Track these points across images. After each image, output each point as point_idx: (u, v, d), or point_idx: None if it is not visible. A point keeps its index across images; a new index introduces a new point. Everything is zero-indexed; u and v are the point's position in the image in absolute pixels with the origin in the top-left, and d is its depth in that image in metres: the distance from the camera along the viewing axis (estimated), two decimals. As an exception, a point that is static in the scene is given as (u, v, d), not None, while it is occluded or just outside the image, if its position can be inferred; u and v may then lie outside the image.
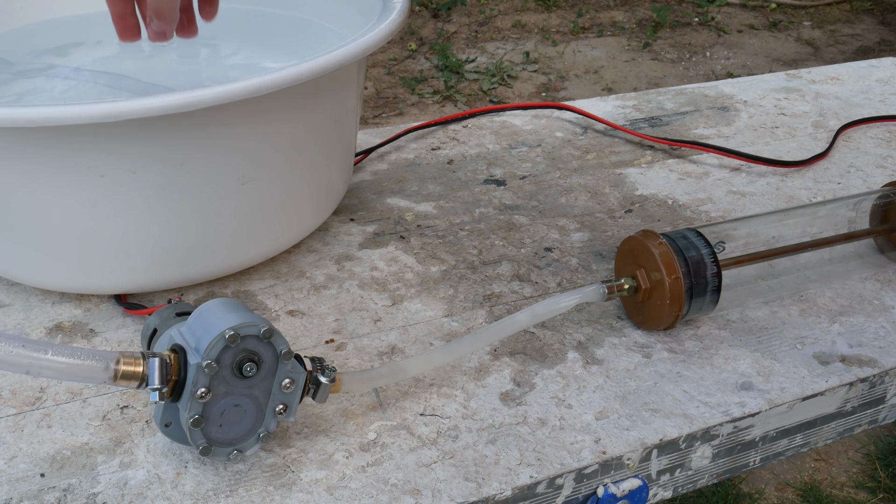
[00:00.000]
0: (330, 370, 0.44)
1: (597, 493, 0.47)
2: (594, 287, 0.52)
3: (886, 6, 3.72)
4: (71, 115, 0.43)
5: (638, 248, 0.53)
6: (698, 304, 0.52)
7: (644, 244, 0.52)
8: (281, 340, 0.41)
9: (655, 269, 0.51)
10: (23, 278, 0.55)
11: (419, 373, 0.48)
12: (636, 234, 0.53)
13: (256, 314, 0.42)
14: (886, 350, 0.54)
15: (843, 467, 1.44)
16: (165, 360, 0.40)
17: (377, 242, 0.64)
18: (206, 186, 0.51)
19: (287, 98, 0.50)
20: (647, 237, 0.53)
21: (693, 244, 0.52)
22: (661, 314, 0.52)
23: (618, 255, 0.55)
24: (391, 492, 0.43)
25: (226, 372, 0.40)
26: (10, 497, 0.43)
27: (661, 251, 0.51)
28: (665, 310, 0.51)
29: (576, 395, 0.50)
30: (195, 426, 0.41)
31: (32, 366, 0.37)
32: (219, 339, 0.39)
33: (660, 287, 0.51)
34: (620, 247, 0.55)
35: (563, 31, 3.44)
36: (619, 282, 0.53)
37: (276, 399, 0.42)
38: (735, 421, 0.49)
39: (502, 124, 0.85)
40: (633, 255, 0.54)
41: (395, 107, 2.75)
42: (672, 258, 0.51)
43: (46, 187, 0.48)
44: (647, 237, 0.53)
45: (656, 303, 0.52)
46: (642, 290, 0.53)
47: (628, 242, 0.54)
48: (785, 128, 0.85)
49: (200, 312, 0.42)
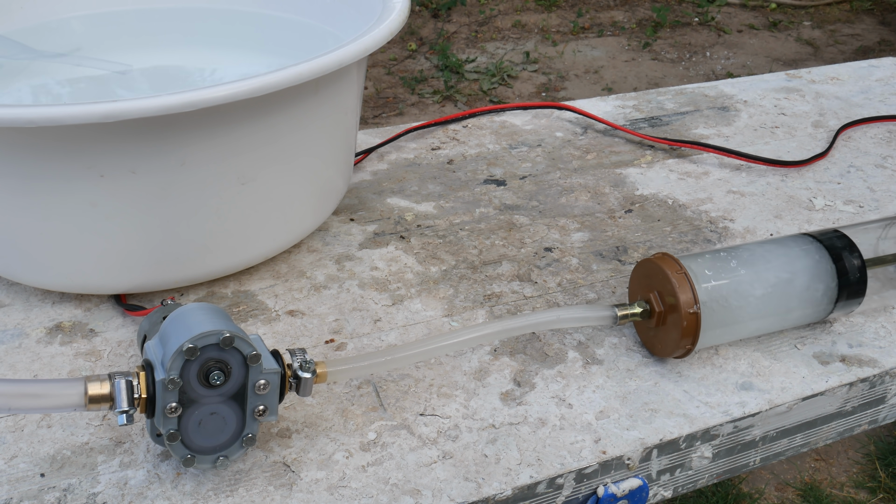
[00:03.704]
0: (309, 363, 0.43)
1: (597, 493, 0.47)
2: (608, 313, 0.51)
3: (886, 6, 3.72)
4: (71, 115, 0.42)
5: (654, 273, 0.51)
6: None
7: (664, 272, 0.50)
8: (245, 345, 0.40)
9: (671, 294, 0.50)
10: (23, 278, 0.55)
11: (409, 362, 0.47)
12: (655, 260, 0.51)
13: (224, 319, 0.41)
14: (886, 350, 0.54)
15: (843, 467, 1.44)
16: (130, 382, 0.40)
17: (377, 242, 0.64)
18: (206, 186, 0.51)
19: (287, 98, 0.50)
20: (667, 265, 0.50)
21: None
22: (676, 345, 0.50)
23: (634, 274, 0.53)
24: (391, 492, 0.43)
25: (193, 384, 0.40)
26: (10, 497, 0.43)
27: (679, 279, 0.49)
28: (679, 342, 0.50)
29: (576, 395, 0.50)
30: (172, 441, 0.41)
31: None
32: (177, 355, 0.39)
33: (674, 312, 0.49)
34: (636, 269, 0.53)
35: (563, 31, 3.43)
36: (632, 307, 0.51)
37: (254, 401, 0.42)
38: (735, 421, 0.49)
39: (502, 124, 0.85)
40: (648, 278, 0.52)
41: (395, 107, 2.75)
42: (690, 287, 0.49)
43: (46, 187, 0.48)
44: (668, 265, 0.50)
45: (670, 331, 0.50)
46: (655, 315, 0.51)
47: (645, 265, 0.52)
48: (785, 128, 0.85)
49: (167, 323, 0.42)
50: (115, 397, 0.39)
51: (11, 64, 0.67)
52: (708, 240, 0.65)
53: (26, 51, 0.66)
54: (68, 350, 0.53)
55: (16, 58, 0.65)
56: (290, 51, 0.70)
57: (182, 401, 0.40)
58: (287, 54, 0.69)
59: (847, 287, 0.52)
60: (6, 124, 0.42)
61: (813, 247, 0.53)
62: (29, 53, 0.66)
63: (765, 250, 0.53)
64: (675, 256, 0.51)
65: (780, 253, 0.53)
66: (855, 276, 0.52)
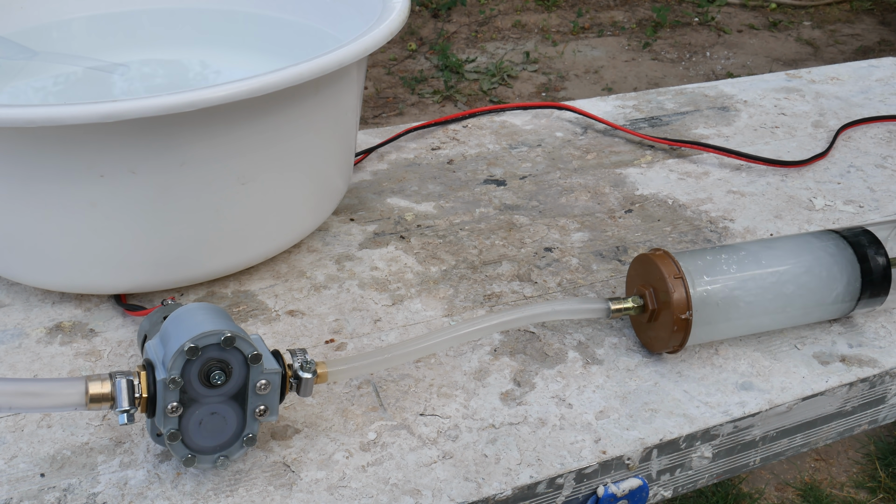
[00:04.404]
0: (310, 364, 0.43)
1: (597, 493, 0.47)
2: (602, 306, 0.51)
3: (886, 6, 3.72)
4: (71, 115, 0.42)
5: (652, 270, 0.51)
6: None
7: (661, 272, 0.50)
8: (246, 345, 0.40)
9: (664, 291, 0.50)
10: (23, 278, 0.55)
11: (408, 359, 0.47)
12: (652, 256, 0.51)
13: (224, 319, 0.41)
14: (886, 350, 0.54)
15: (843, 467, 1.44)
16: (131, 381, 0.40)
17: (377, 242, 0.64)
18: (206, 186, 0.51)
19: (287, 98, 0.50)
20: (664, 264, 0.50)
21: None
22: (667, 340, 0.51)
23: (632, 266, 0.54)
24: (391, 492, 0.43)
25: (194, 384, 0.40)
26: (10, 497, 0.43)
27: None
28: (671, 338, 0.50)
29: (576, 395, 0.50)
30: (172, 440, 0.41)
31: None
32: (178, 354, 0.39)
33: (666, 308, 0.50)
34: (635, 261, 0.53)
35: (563, 31, 3.43)
36: (627, 302, 0.51)
37: (255, 401, 0.42)
38: (735, 421, 0.49)
39: (502, 124, 0.85)
40: (645, 273, 0.52)
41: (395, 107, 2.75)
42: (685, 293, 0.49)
43: (46, 187, 0.48)
44: (665, 264, 0.50)
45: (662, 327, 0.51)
46: (649, 311, 0.51)
47: (644, 260, 0.52)
48: (785, 128, 0.85)
49: (168, 323, 0.42)
50: (115, 397, 0.39)
51: (10, 64, 0.67)
52: (708, 240, 0.65)
53: (25, 51, 0.66)
54: (68, 350, 0.53)
55: (15, 58, 0.65)
56: (290, 51, 0.70)
57: (183, 400, 0.40)
58: (287, 55, 0.69)
59: (871, 285, 0.53)
60: (6, 124, 0.42)
61: (834, 243, 0.53)
62: (27, 54, 0.66)
63: (766, 246, 0.53)
64: (672, 254, 0.51)
65: (791, 249, 0.53)
66: (879, 274, 0.52)
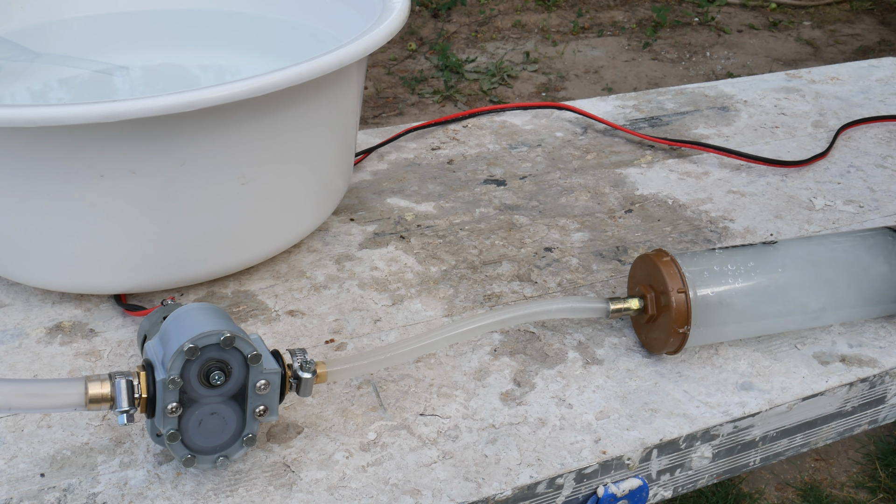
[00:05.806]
0: (309, 364, 0.43)
1: (597, 493, 0.47)
2: (601, 305, 0.51)
3: (886, 6, 3.72)
4: (71, 115, 0.43)
5: (655, 275, 0.51)
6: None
7: (661, 274, 0.50)
8: (246, 345, 0.40)
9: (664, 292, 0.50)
10: (23, 278, 0.55)
11: (408, 358, 0.47)
12: (657, 260, 0.51)
13: (224, 319, 0.41)
14: (886, 350, 0.54)
15: (843, 467, 1.44)
16: (131, 381, 0.40)
17: (377, 242, 0.64)
18: (206, 186, 0.51)
19: (287, 98, 0.50)
20: (667, 269, 0.50)
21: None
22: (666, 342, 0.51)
23: (635, 265, 0.54)
24: (391, 492, 0.43)
25: (193, 384, 0.40)
26: (10, 497, 0.43)
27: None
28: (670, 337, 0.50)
29: (576, 395, 0.50)
30: (172, 441, 0.41)
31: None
32: (178, 354, 0.39)
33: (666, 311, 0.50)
34: (640, 259, 0.53)
35: (563, 31, 3.43)
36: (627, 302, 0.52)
37: (254, 401, 0.42)
38: (735, 421, 0.49)
39: (502, 124, 0.85)
40: (648, 276, 0.52)
41: (395, 107, 2.75)
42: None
43: (46, 187, 0.48)
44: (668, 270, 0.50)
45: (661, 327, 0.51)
46: (648, 314, 0.51)
47: (648, 262, 0.52)
48: (785, 128, 0.85)
49: (168, 323, 0.42)
50: (115, 397, 0.39)
51: (11, 66, 0.67)
52: (708, 240, 0.65)
53: (25, 52, 0.66)
54: (68, 350, 0.53)
55: (15, 59, 0.65)
56: (290, 52, 0.70)
57: (182, 401, 0.40)
58: (287, 55, 0.69)
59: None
60: (6, 124, 0.43)
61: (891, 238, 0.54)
62: (28, 55, 0.66)
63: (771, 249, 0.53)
64: (678, 260, 0.51)
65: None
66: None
